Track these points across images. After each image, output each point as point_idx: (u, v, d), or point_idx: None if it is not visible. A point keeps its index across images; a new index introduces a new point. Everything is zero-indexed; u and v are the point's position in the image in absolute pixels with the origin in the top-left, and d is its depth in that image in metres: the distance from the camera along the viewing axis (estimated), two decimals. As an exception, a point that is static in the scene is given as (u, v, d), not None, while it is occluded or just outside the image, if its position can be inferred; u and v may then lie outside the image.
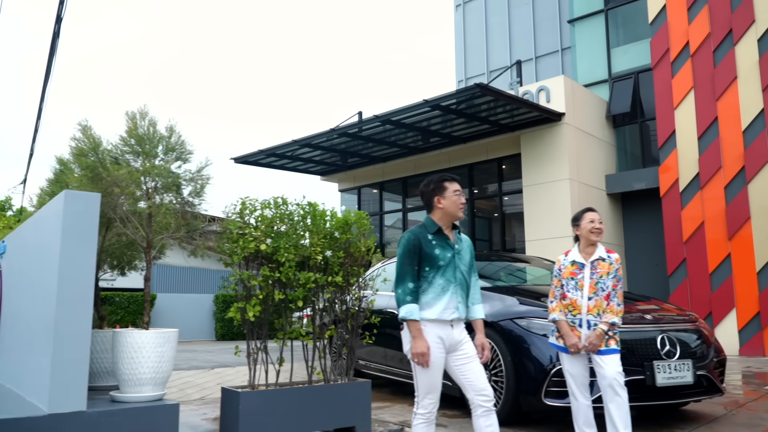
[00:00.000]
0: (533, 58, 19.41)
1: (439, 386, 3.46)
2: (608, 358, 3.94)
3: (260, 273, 4.44)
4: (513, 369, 4.87)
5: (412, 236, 3.47)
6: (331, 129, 13.77)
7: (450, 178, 3.57)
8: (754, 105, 12.19)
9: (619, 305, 4.07)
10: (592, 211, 4.27)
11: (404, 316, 3.36)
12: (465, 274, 3.52)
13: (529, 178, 13.70)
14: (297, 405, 4.51)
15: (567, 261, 4.22)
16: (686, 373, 4.74)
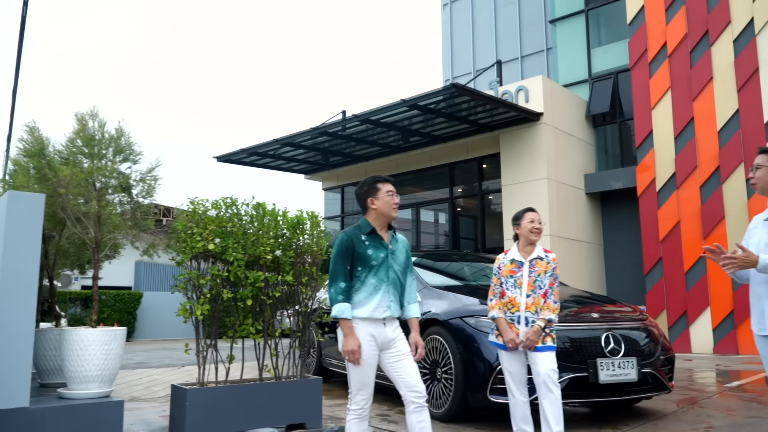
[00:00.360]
0: (519, 58, 19.49)
1: (372, 383, 3.54)
2: (543, 355, 4.02)
3: (209, 272, 4.51)
4: (462, 366, 4.95)
5: (345, 237, 3.54)
6: (312, 128, 13.84)
7: (383, 179, 3.65)
8: (730, 105, 12.31)
9: (555, 303, 4.15)
10: (532, 212, 4.35)
11: (336, 314, 3.44)
12: (398, 274, 3.59)
13: (508, 177, 13.79)
14: (246, 402, 4.59)
15: (506, 259, 4.29)
16: (630, 370, 4.83)
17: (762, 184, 3.28)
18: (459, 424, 5.04)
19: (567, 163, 13.94)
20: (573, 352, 4.80)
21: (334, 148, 15.73)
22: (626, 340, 4.98)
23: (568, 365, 4.75)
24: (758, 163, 3.30)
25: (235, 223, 4.59)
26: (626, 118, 14.72)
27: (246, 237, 4.63)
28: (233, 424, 4.57)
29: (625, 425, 4.98)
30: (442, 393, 5.18)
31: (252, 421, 4.65)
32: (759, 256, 3.12)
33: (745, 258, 3.15)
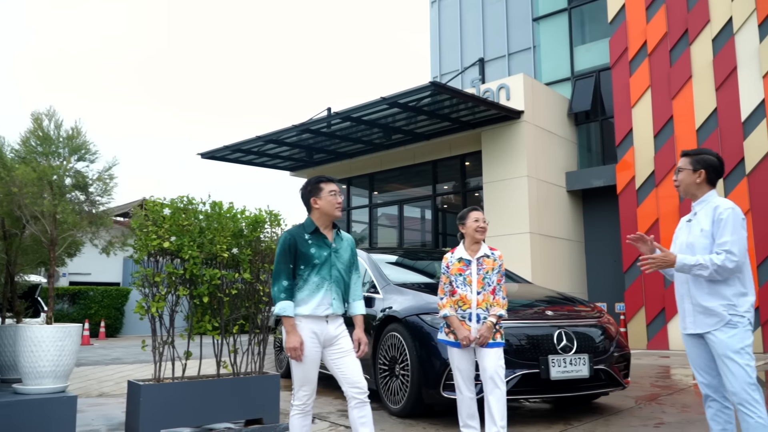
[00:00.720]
0: (506, 56, 19.53)
1: (314, 379, 3.61)
2: (492, 351, 4.10)
3: (164, 269, 4.57)
4: (417, 363, 5.02)
5: (288, 236, 3.61)
6: (294, 125, 13.88)
7: (326, 179, 3.71)
8: (708, 104, 12.40)
9: (504, 299, 4.23)
10: (476, 211, 4.42)
11: (278, 312, 3.50)
12: (342, 272, 3.66)
13: (489, 175, 13.87)
14: (202, 397, 4.65)
15: (454, 258, 4.36)
16: (582, 367, 4.91)
17: (684, 186, 3.35)
18: (414, 420, 5.12)
19: (548, 161, 14.02)
20: (525, 348, 4.88)
21: (319, 145, 15.78)
22: (579, 337, 5.06)
23: (521, 362, 4.83)
24: (680, 167, 3.37)
25: (191, 222, 4.65)
26: (608, 116, 14.80)
27: (203, 235, 4.69)
28: (189, 420, 4.64)
29: (578, 421, 5.06)
30: (399, 389, 5.26)
31: (209, 416, 4.71)
32: (676, 256, 3.19)
33: (662, 258, 3.22)
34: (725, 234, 3.09)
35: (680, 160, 3.39)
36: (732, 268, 3.06)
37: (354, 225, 17.92)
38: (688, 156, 3.36)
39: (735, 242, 3.07)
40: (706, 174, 3.29)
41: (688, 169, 3.32)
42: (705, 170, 3.29)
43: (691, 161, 3.33)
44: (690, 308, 3.22)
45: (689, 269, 3.15)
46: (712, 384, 3.22)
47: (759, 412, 2.96)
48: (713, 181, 3.33)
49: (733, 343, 3.04)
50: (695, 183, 3.31)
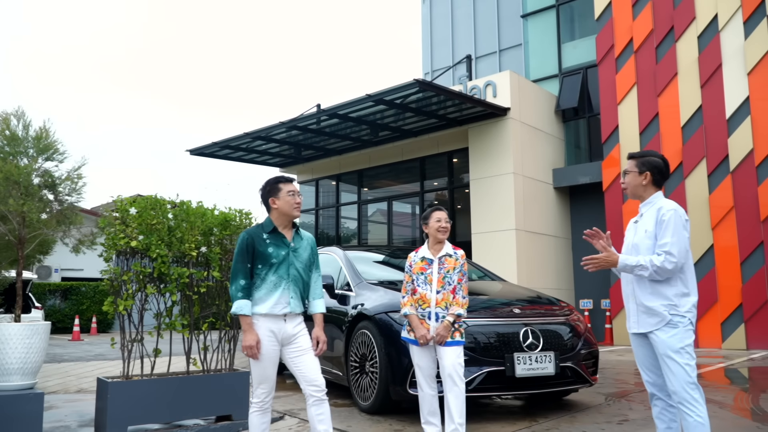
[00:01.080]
0: (497, 52, 19.54)
1: (273, 377, 3.66)
2: (450, 349, 4.15)
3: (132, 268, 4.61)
4: (385, 360, 5.08)
5: (246, 236, 3.65)
6: (281, 122, 13.90)
7: (285, 179, 3.75)
8: (693, 101, 12.46)
9: (464, 298, 4.28)
10: (439, 211, 4.45)
11: (235, 311, 3.55)
12: (300, 271, 3.70)
13: (476, 171, 13.92)
14: (171, 394, 4.70)
15: (417, 257, 4.41)
16: (548, 364, 4.97)
17: (631, 188, 3.40)
18: (382, 416, 5.18)
19: (535, 158, 14.07)
20: (492, 346, 4.94)
21: (308, 141, 15.82)
22: (546, 335, 5.12)
23: (487, 359, 4.89)
24: (626, 169, 3.42)
25: (159, 221, 4.69)
26: (595, 113, 14.85)
27: (172, 234, 4.73)
28: (158, 416, 4.69)
29: (544, 417, 5.13)
30: (369, 386, 5.32)
31: (178, 413, 4.76)
32: (619, 256, 3.25)
33: (605, 258, 3.28)
34: (666, 235, 3.15)
35: (627, 162, 3.44)
36: (671, 269, 3.11)
37: (343, 221, 17.97)
38: (633, 158, 3.41)
39: (675, 243, 3.12)
40: (651, 176, 3.34)
41: (634, 171, 3.37)
42: (650, 172, 3.34)
43: (636, 163, 3.38)
44: (634, 308, 3.27)
45: (631, 269, 3.22)
46: (657, 383, 3.28)
47: (698, 411, 3.01)
48: (659, 183, 3.37)
49: (674, 343, 3.09)
50: (641, 185, 3.36)
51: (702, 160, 12.20)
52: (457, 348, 4.17)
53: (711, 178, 12.09)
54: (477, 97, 13.26)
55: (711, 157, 12.11)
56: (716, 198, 11.98)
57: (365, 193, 17.49)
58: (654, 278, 3.16)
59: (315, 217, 18.55)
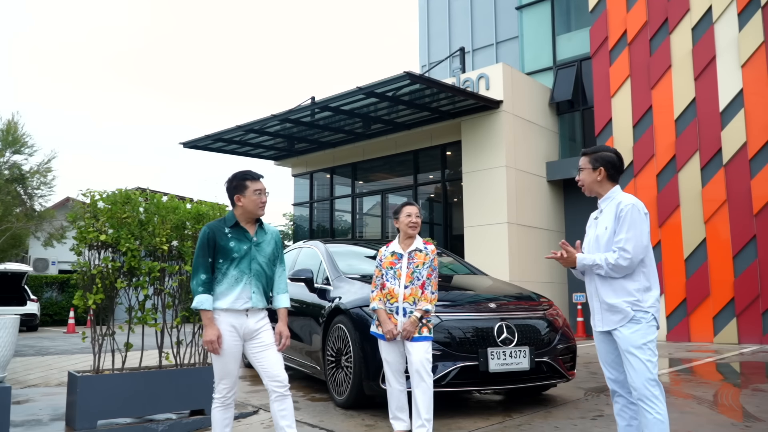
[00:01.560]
0: (494, 44, 19.46)
1: (234, 373, 3.63)
2: (418, 345, 4.12)
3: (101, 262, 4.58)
4: (359, 355, 5.05)
5: (207, 230, 3.61)
6: (273, 115, 13.85)
7: (252, 176, 3.70)
8: (687, 94, 12.37)
9: (433, 293, 4.25)
10: (410, 205, 4.42)
11: (195, 306, 3.52)
12: (263, 266, 3.66)
13: (469, 164, 13.86)
14: (143, 388, 4.67)
15: (387, 252, 4.38)
16: (522, 359, 4.93)
17: (587, 185, 3.35)
18: (356, 411, 5.16)
19: (528, 151, 14.00)
20: (465, 341, 4.90)
21: (301, 134, 15.76)
22: (521, 329, 5.08)
23: (460, 354, 4.85)
24: (580, 166, 3.36)
25: (129, 214, 4.65)
26: (589, 106, 14.76)
27: (143, 228, 4.70)
28: (130, 410, 4.66)
29: (519, 413, 5.09)
30: (344, 380, 5.29)
31: (150, 407, 4.74)
32: (577, 256, 3.21)
33: (565, 258, 3.24)
34: (622, 231, 3.11)
35: (580, 160, 3.38)
36: (626, 266, 3.07)
37: (338, 214, 17.93)
38: (586, 155, 3.36)
39: (630, 239, 3.07)
40: (605, 171, 3.29)
41: (588, 168, 3.32)
42: (604, 167, 3.29)
43: (590, 160, 3.32)
44: (598, 306, 3.23)
45: (589, 268, 3.20)
46: (619, 379, 3.24)
47: (657, 408, 2.98)
48: (614, 178, 3.32)
49: (636, 339, 3.05)
50: (596, 181, 3.31)
51: (695, 153, 12.12)
52: (425, 343, 4.14)
53: (704, 172, 12.02)
54: (468, 90, 13.18)
55: (704, 150, 12.03)
56: (709, 191, 11.91)
57: (359, 186, 17.45)
58: (610, 275, 3.12)
59: (309, 211, 18.52)
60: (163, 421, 4.75)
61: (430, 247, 4.36)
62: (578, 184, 3.41)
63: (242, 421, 4.97)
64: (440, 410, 5.12)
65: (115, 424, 4.61)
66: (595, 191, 3.34)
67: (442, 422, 4.74)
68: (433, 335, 4.23)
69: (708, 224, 11.88)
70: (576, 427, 4.60)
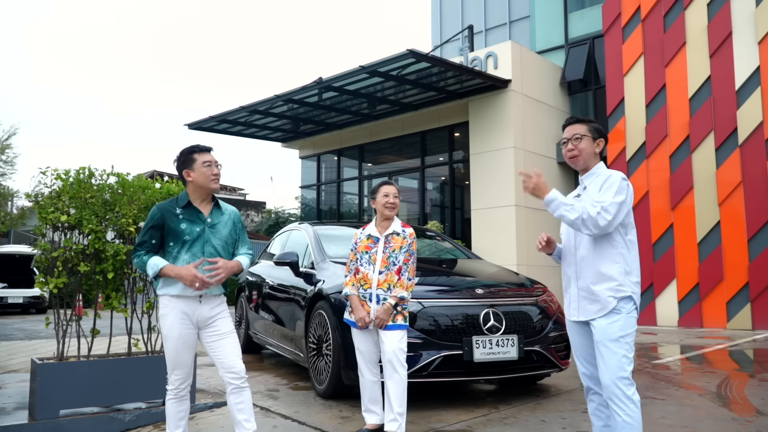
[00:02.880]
0: (507, 23, 18.95)
1: (188, 363, 3.40)
2: (392, 333, 3.86)
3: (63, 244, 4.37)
4: (339, 342, 4.80)
5: (155, 210, 3.36)
6: (276, 95, 13.57)
7: (201, 149, 3.43)
8: (702, 72, 11.88)
9: (410, 280, 3.98)
10: (388, 185, 4.13)
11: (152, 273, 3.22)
12: (218, 249, 3.41)
13: (476, 146, 13.51)
14: (109, 377, 4.47)
15: (363, 235, 4.11)
16: (510, 348, 4.65)
17: (585, 155, 2.98)
18: (335, 401, 4.93)
19: (537, 132, 13.61)
20: (450, 328, 4.63)
21: (307, 115, 15.49)
22: (510, 316, 4.80)
23: (444, 343, 4.59)
24: (579, 134, 3.00)
25: (93, 194, 4.42)
26: (601, 85, 14.31)
27: (108, 208, 4.47)
28: (96, 400, 4.46)
29: (506, 404, 4.82)
30: (324, 369, 5.05)
31: (118, 397, 4.54)
32: (552, 189, 2.86)
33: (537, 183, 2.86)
34: (607, 195, 2.78)
35: (575, 127, 3.01)
36: (602, 226, 2.73)
37: (345, 197, 17.68)
38: (583, 123, 3.01)
39: (615, 204, 2.75)
40: (603, 144, 2.99)
41: (589, 136, 2.98)
42: (603, 140, 2.99)
43: (590, 128, 2.99)
44: (575, 293, 2.92)
45: (558, 206, 2.80)
46: (594, 376, 2.94)
47: (628, 410, 2.68)
48: (602, 153, 3.02)
49: (613, 331, 2.75)
50: (594, 152, 2.99)
51: (710, 133, 11.66)
52: (399, 332, 3.87)
53: (719, 153, 11.56)
54: (476, 69, 12.80)
55: (719, 130, 11.56)
56: (723, 173, 11.46)
57: (367, 168, 17.16)
58: (577, 227, 2.77)
59: (317, 193, 18.29)
60: (132, 411, 4.54)
61: (409, 230, 4.09)
62: (570, 154, 3.02)
63: (216, 411, 4.76)
64: (423, 401, 4.88)
65: (79, 413, 4.41)
66: (587, 163, 3.00)
67: (422, 414, 4.49)
68: (408, 323, 3.97)
69: (722, 207, 11.44)
70: (564, 420, 4.32)
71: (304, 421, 4.33)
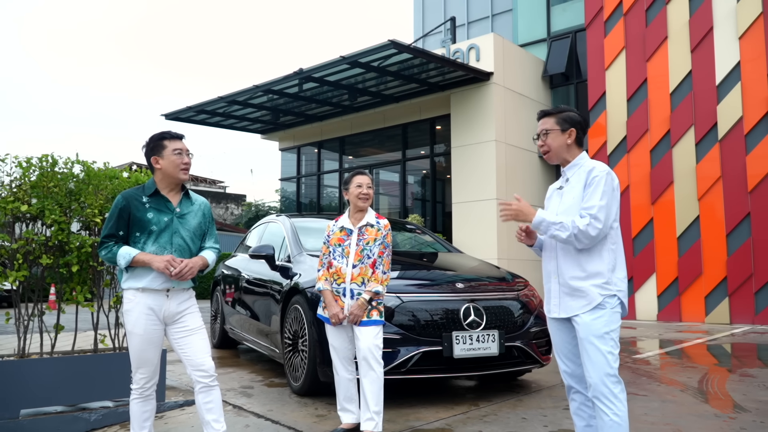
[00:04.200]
0: (489, 17, 18.82)
1: (154, 361, 3.22)
2: (367, 330, 3.72)
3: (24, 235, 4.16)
4: (315, 338, 4.65)
5: (120, 199, 3.18)
6: (254, 86, 13.34)
7: (171, 135, 3.25)
8: (683, 66, 11.87)
9: (384, 273, 3.84)
10: (362, 175, 3.98)
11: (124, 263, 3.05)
12: (187, 241, 3.24)
13: (458, 139, 13.40)
14: (73, 374, 4.27)
15: (336, 227, 3.95)
16: (491, 344, 4.53)
17: (554, 150, 2.87)
18: (311, 399, 4.78)
19: (519, 125, 13.53)
20: (429, 324, 4.50)
21: (287, 107, 15.27)
22: (490, 311, 4.67)
23: (424, 338, 4.45)
24: (546, 128, 2.88)
25: (57, 182, 4.22)
26: (583, 79, 14.26)
27: (73, 198, 4.27)
28: (58, 398, 4.26)
29: (487, 401, 4.71)
30: (300, 365, 4.90)
31: (83, 395, 4.34)
32: (537, 210, 2.75)
33: (519, 208, 2.77)
34: (594, 198, 2.66)
35: (543, 121, 2.91)
36: (594, 236, 2.63)
37: (326, 189, 17.50)
38: (551, 115, 2.89)
39: (603, 208, 2.64)
40: (575, 133, 2.85)
41: (556, 129, 2.86)
42: (574, 128, 2.85)
43: (557, 120, 2.86)
44: (557, 288, 2.80)
45: (547, 227, 2.71)
46: (576, 374, 2.83)
47: (615, 409, 2.57)
48: (581, 142, 2.89)
49: (598, 327, 2.64)
50: (565, 145, 2.86)
51: (690, 128, 11.65)
52: (374, 328, 3.73)
53: (699, 147, 11.56)
54: (458, 61, 12.67)
55: (699, 125, 11.56)
56: (703, 168, 11.47)
57: (348, 161, 16.98)
58: (571, 243, 2.66)
59: (297, 186, 18.08)
60: (98, 410, 4.35)
61: (383, 221, 3.94)
62: (541, 150, 2.93)
63: (186, 409, 4.58)
64: (401, 398, 4.75)
65: (42, 413, 4.21)
66: (562, 157, 2.88)
67: (400, 412, 4.36)
68: (384, 319, 3.83)
69: (702, 201, 11.46)
70: (545, 418, 4.22)
71: (278, 420, 4.18)
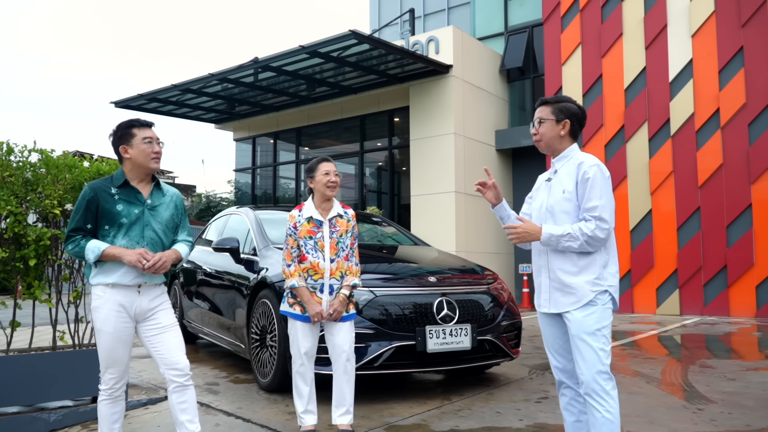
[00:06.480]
0: (446, 9, 18.81)
1: (124, 360, 3.07)
2: (346, 325, 3.65)
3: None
4: (286, 333, 4.53)
5: (87, 190, 3.01)
6: (210, 74, 13.01)
7: (140, 123, 3.10)
8: (637, 63, 12.11)
9: (357, 265, 3.76)
10: (327, 162, 3.82)
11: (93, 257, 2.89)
12: (159, 234, 3.09)
13: (417, 131, 13.37)
14: (30, 373, 4.06)
15: (302, 218, 3.76)
16: (464, 338, 4.52)
17: (547, 140, 2.85)
18: (281, 395, 4.68)
19: (477, 118, 13.59)
20: (402, 318, 4.45)
21: (242, 96, 14.97)
22: (462, 305, 4.66)
23: (397, 333, 4.41)
24: (541, 117, 2.86)
25: (12, 171, 3.99)
26: (540, 74, 14.40)
27: (28, 187, 4.05)
28: (16, 398, 4.04)
29: (458, 395, 4.70)
30: (268, 361, 4.79)
31: (41, 394, 4.14)
32: (542, 228, 2.73)
33: (525, 229, 2.76)
34: (593, 197, 2.64)
35: (539, 110, 2.89)
36: (604, 238, 2.62)
37: (282, 181, 17.26)
38: (548, 104, 2.87)
39: (605, 206, 2.63)
40: (570, 125, 2.82)
41: (551, 119, 2.83)
42: (570, 120, 2.82)
43: (553, 110, 2.84)
44: (547, 284, 2.78)
45: (557, 241, 2.68)
46: (567, 369, 2.81)
47: (607, 406, 2.57)
48: (576, 134, 2.87)
49: (589, 324, 2.62)
50: (558, 136, 2.83)
51: (644, 123, 11.92)
52: (351, 323, 3.67)
53: (651, 143, 11.84)
54: (417, 53, 12.63)
55: (653, 121, 11.83)
56: (656, 163, 11.75)
57: (304, 152, 16.78)
58: (584, 249, 2.65)
59: (252, 177, 17.78)
60: (57, 410, 4.15)
61: (351, 211, 3.85)
62: (534, 138, 2.90)
63: (150, 408, 4.42)
64: (372, 394, 4.69)
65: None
66: (552, 148, 2.86)
67: (374, 408, 4.30)
68: (356, 312, 3.75)
69: (654, 196, 11.74)
70: (519, 411, 4.22)
71: (249, 418, 4.07)
